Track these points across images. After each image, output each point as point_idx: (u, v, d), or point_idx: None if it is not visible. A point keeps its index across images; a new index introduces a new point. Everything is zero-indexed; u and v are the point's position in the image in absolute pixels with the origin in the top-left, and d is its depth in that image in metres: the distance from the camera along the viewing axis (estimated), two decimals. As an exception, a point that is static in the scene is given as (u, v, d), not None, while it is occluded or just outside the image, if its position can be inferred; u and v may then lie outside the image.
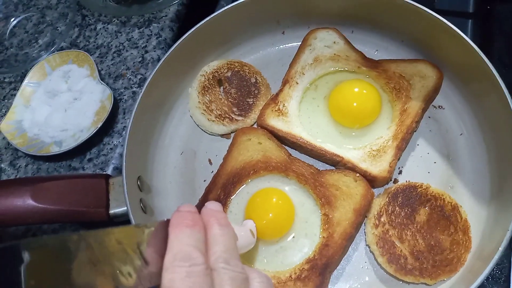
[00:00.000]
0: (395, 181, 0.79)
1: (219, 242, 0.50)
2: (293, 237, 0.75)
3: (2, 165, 0.91)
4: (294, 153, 0.83)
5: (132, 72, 0.97)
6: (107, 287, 0.44)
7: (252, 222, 0.69)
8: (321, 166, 0.82)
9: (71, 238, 0.43)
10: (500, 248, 0.61)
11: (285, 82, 0.87)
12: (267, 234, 0.72)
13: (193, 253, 0.47)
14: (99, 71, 0.95)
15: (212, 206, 0.56)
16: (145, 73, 0.96)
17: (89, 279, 0.44)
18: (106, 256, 0.45)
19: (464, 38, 0.77)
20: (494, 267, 0.75)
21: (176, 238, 0.48)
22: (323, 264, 0.71)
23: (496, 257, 0.61)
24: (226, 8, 0.87)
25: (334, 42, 0.88)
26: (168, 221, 0.50)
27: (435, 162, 0.80)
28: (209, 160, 0.85)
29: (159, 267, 0.47)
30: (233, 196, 0.79)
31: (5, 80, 1.02)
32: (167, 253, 0.47)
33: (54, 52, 0.98)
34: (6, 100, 0.99)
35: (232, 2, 0.89)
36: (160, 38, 1.00)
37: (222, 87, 0.90)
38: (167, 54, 0.83)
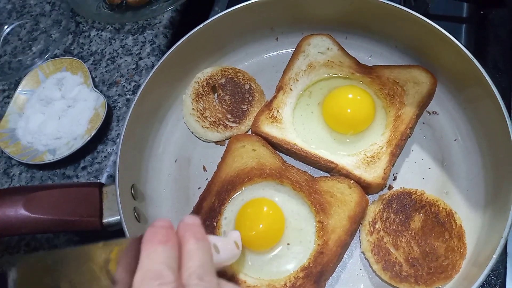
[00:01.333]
0: (390, 187, 0.79)
1: (193, 257, 0.49)
2: (288, 244, 0.74)
3: (-4, 174, 0.91)
4: (289, 160, 0.83)
5: (126, 79, 0.97)
6: None
7: (238, 233, 0.67)
8: (315, 172, 0.81)
9: (52, 256, 0.43)
10: (494, 256, 0.61)
11: (279, 88, 0.87)
12: (256, 245, 0.72)
13: (163, 271, 0.46)
14: (93, 79, 0.94)
15: (188, 220, 0.54)
16: (139, 80, 0.96)
17: None
18: (79, 276, 0.45)
19: (457, 44, 0.78)
20: (490, 273, 0.75)
21: (147, 255, 0.47)
22: (318, 272, 0.71)
23: (491, 264, 0.61)
24: (220, 15, 0.87)
25: (328, 48, 0.88)
26: (141, 237, 0.49)
27: (429, 168, 0.80)
28: (204, 167, 0.85)
29: (128, 286, 0.46)
30: (227, 204, 0.78)
31: (-1, 88, 1.01)
32: (137, 272, 0.46)
33: (47, 59, 0.98)
34: (-1, 108, 0.99)
35: (226, 8, 0.89)
36: (154, 45, 1.00)
37: (216, 94, 0.90)
38: (161, 61, 0.83)
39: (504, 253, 0.76)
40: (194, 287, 0.47)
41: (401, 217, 0.74)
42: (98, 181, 0.87)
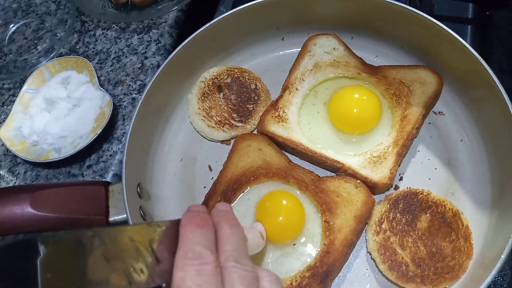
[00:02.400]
0: (396, 187, 0.79)
1: (229, 241, 0.51)
2: (294, 244, 0.74)
3: (1, 172, 0.91)
4: (295, 159, 0.83)
5: (131, 78, 0.97)
6: (120, 283, 0.45)
7: (261, 225, 0.69)
8: (321, 172, 0.81)
9: (86, 233, 0.44)
10: (502, 256, 0.61)
11: (285, 88, 0.87)
12: (279, 236, 0.72)
13: (203, 252, 0.48)
14: (98, 77, 0.94)
15: (222, 207, 0.56)
16: (145, 79, 0.96)
17: (103, 274, 0.45)
18: (119, 252, 0.46)
19: (464, 44, 0.78)
20: (496, 274, 0.75)
21: (186, 237, 0.49)
22: (324, 271, 0.71)
23: (498, 265, 0.61)
24: (225, 14, 0.87)
25: (334, 48, 0.88)
26: (179, 220, 0.51)
27: (435, 169, 0.80)
28: (209, 167, 0.85)
29: (170, 265, 0.47)
30: (233, 203, 0.78)
31: (4, 86, 1.01)
32: (177, 252, 0.48)
33: (53, 58, 0.98)
34: (5, 107, 0.98)
35: (232, 8, 0.89)
36: (159, 44, 1.00)
37: (222, 93, 0.90)
38: (166, 60, 0.83)
39: (511, 253, 0.76)
40: (231, 268, 0.48)
41: (407, 217, 0.74)
42: (103, 180, 0.87)
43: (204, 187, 0.82)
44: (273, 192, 0.77)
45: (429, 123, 0.84)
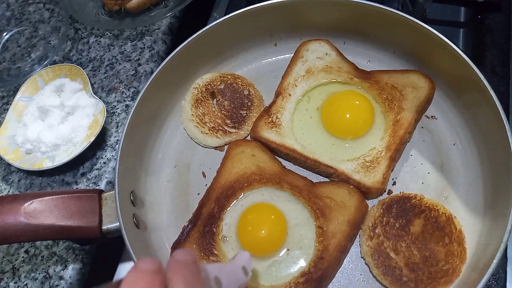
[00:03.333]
0: (389, 192, 0.79)
1: None
2: (288, 250, 0.74)
3: (-5, 181, 0.91)
4: (288, 165, 0.83)
5: (125, 85, 0.97)
6: None
7: (247, 255, 0.60)
8: (315, 178, 0.82)
9: None
10: (494, 261, 0.61)
11: (278, 94, 0.87)
12: (259, 250, 0.72)
13: None
14: (92, 85, 0.94)
15: (179, 257, 0.46)
16: (138, 86, 0.96)
17: None
18: None
19: (455, 50, 0.78)
20: (490, 278, 0.75)
21: None
22: (318, 277, 0.71)
23: (491, 269, 0.61)
24: (218, 21, 0.87)
25: (326, 54, 0.88)
26: (120, 282, 0.42)
27: (428, 173, 0.80)
28: (203, 173, 0.85)
29: None
30: (227, 209, 0.78)
31: (-2, 94, 1.01)
32: None
33: (46, 66, 0.98)
34: (-2, 115, 0.99)
35: (225, 15, 0.89)
36: (153, 51, 1.01)
37: (215, 100, 0.90)
38: (160, 67, 0.83)
39: (504, 257, 0.76)
40: None
41: (401, 221, 0.74)
42: (97, 187, 0.87)
43: (198, 194, 0.82)
44: (253, 205, 0.77)
45: (422, 127, 0.84)
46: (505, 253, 0.76)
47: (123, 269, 0.85)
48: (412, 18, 0.81)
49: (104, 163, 0.89)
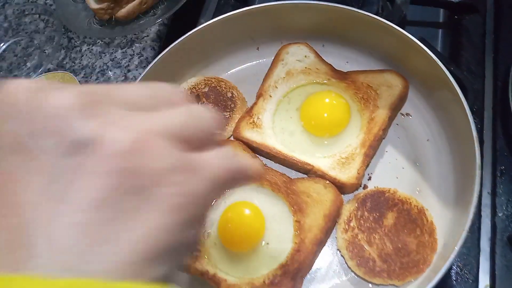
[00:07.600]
0: (365, 187, 0.82)
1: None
2: (267, 244, 0.77)
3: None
4: (269, 163, 0.87)
5: (115, 90, 1.01)
6: None
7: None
8: (294, 174, 0.85)
9: None
10: (456, 248, 0.64)
11: (259, 95, 0.91)
12: (238, 247, 0.76)
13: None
14: (83, 91, 0.99)
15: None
16: (128, 91, 1.00)
17: None
18: None
19: (426, 51, 0.81)
20: (463, 268, 0.78)
21: None
22: (295, 269, 0.74)
23: (452, 256, 0.64)
24: (202, 26, 0.91)
25: (305, 56, 0.92)
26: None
27: (403, 168, 0.83)
28: (188, 173, 0.88)
29: None
30: (210, 206, 0.82)
31: (-5, 102, 1.06)
32: None
33: (41, 74, 1.03)
34: (-4, 121, 1.03)
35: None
36: (142, 57, 1.05)
37: (200, 103, 0.94)
38: (145, 71, 0.87)
39: (477, 247, 0.78)
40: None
41: (374, 215, 0.77)
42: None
43: (183, 192, 0.86)
44: (233, 203, 0.80)
45: (397, 125, 0.87)
46: (478, 243, 0.79)
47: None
48: (388, 22, 0.85)
49: (95, 164, 0.93)
